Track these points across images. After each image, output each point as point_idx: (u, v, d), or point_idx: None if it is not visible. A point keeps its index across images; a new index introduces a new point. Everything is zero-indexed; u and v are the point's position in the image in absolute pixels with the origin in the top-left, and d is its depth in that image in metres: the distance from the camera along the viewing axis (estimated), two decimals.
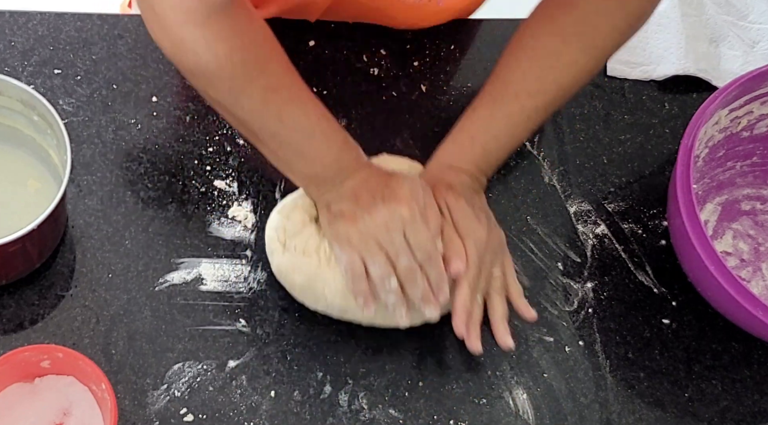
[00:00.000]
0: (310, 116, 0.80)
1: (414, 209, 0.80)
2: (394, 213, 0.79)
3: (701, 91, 1.03)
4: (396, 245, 0.80)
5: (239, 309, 0.87)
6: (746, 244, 0.98)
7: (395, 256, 0.80)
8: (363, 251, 0.80)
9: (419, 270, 0.80)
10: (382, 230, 0.79)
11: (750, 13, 1.07)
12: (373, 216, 0.80)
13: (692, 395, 0.89)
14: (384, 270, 0.80)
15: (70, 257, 0.87)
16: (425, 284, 0.81)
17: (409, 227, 0.79)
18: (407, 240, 0.80)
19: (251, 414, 0.83)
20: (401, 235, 0.79)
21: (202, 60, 0.74)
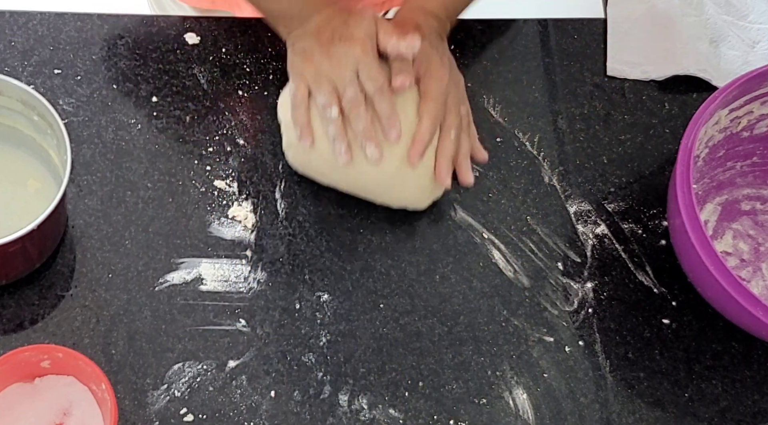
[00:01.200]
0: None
1: (367, 48, 0.83)
2: (348, 50, 0.82)
3: (701, 91, 1.03)
4: (345, 78, 0.83)
5: (239, 309, 0.87)
6: (746, 244, 0.98)
7: (342, 88, 0.83)
8: (312, 83, 0.84)
9: (364, 103, 0.83)
10: (334, 65, 0.83)
11: (750, 13, 1.07)
12: (329, 53, 0.83)
13: (692, 395, 0.89)
14: (327, 99, 0.83)
15: (70, 257, 0.87)
16: (368, 119, 0.83)
17: (361, 63, 0.82)
18: (359, 77, 0.83)
19: (251, 414, 0.83)
20: (352, 71, 0.83)
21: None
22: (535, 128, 0.99)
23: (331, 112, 0.83)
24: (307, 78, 0.84)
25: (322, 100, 0.83)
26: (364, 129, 0.83)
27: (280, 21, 0.88)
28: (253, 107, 0.95)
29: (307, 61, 0.84)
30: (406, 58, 0.84)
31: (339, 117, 0.83)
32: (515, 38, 1.04)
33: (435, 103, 0.85)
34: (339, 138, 0.84)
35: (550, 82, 1.02)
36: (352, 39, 0.83)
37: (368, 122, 0.83)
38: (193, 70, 0.96)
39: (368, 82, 0.83)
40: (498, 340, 0.89)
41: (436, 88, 0.86)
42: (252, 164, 0.93)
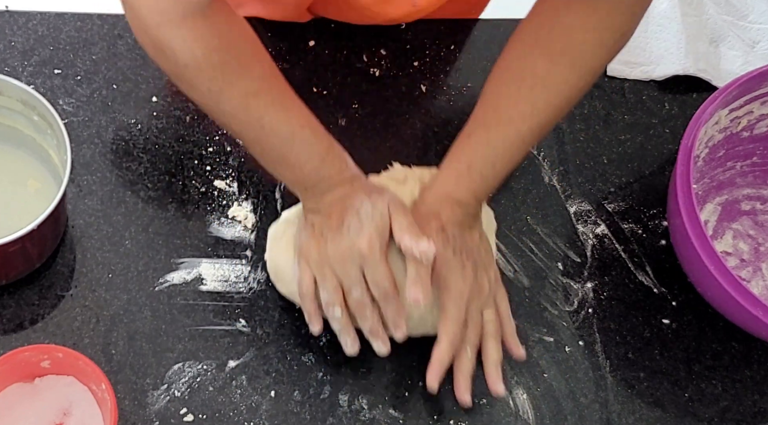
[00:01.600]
0: (292, 123, 0.79)
1: (374, 247, 0.79)
2: (353, 247, 0.79)
3: (701, 91, 1.03)
4: (351, 277, 0.80)
5: (239, 309, 0.87)
6: (746, 244, 0.98)
7: (348, 287, 0.80)
8: (317, 273, 0.81)
9: (370, 305, 0.80)
10: (339, 260, 0.79)
11: (750, 13, 1.07)
12: (336, 244, 0.80)
13: (692, 395, 0.89)
14: (331, 298, 0.80)
15: (70, 257, 0.87)
16: (375, 319, 0.81)
17: (367, 263, 0.79)
18: (364, 275, 0.80)
19: (251, 414, 0.83)
20: (357, 269, 0.79)
21: (181, 61, 0.73)
22: None
23: (334, 311, 0.81)
24: (311, 265, 0.81)
25: (325, 298, 0.81)
26: (371, 329, 0.81)
27: (294, 187, 0.83)
28: None
29: (314, 242, 0.81)
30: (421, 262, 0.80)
31: (343, 315, 0.81)
32: None
33: (453, 323, 0.81)
34: (344, 332, 0.82)
35: None
36: (360, 234, 0.79)
37: (375, 322, 0.81)
38: None
39: (374, 287, 0.80)
40: None
41: (455, 306, 0.81)
42: (252, 164, 0.93)
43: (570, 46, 0.81)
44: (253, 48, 0.78)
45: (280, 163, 0.81)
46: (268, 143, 0.80)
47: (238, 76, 0.76)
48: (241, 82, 0.76)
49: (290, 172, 0.81)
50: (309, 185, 0.81)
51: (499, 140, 0.83)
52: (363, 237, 0.79)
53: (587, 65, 0.82)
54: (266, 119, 0.78)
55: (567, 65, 0.81)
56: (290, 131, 0.79)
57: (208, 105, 0.78)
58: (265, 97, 0.78)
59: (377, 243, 0.79)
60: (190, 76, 0.75)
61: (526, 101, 0.82)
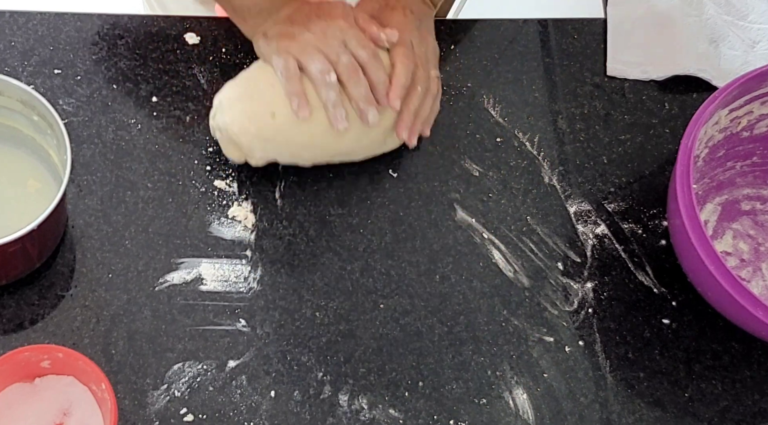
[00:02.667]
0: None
1: (350, 21, 0.84)
2: (331, 24, 0.83)
3: (701, 91, 1.03)
4: (335, 47, 0.83)
5: (239, 309, 0.87)
6: (746, 244, 0.98)
7: (335, 56, 0.83)
8: (301, 55, 0.83)
9: (360, 69, 0.83)
10: (321, 37, 0.83)
11: (750, 13, 1.07)
12: (311, 29, 0.83)
13: (692, 395, 0.89)
14: (324, 65, 0.83)
15: (70, 257, 0.87)
16: (365, 85, 0.84)
17: (347, 34, 0.83)
18: (346, 46, 0.83)
19: (251, 414, 0.83)
20: (340, 41, 0.83)
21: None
22: (535, 128, 0.99)
23: (329, 77, 0.83)
24: (293, 52, 0.84)
25: (318, 66, 0.83)
26: (366, 93, 0.84)
27: (248, 16, 0.87)
28: None
29: (288, 39, 0.84)
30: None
31: (337, 82, 0.83)
32: (515, 38, 1.04)
33: (405, 48, 0.86)
34: (339, 104, 0.84)
35: (550, 82, 1.02)
36: (332, 15, 0.84)
37: (366, 86, 0.84)
38: (193, 70, 0.96)
39: (360, 51, 0.83)
40: (498, 340, 0.89)
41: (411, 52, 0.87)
42: None
43: None
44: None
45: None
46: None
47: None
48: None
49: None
50: (264, 5, 0.85)
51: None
52: (337, 16, 0.84)
53: None
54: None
55: None
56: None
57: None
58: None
59: (351, 15, 0.85)
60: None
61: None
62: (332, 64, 0.83)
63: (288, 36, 0.84)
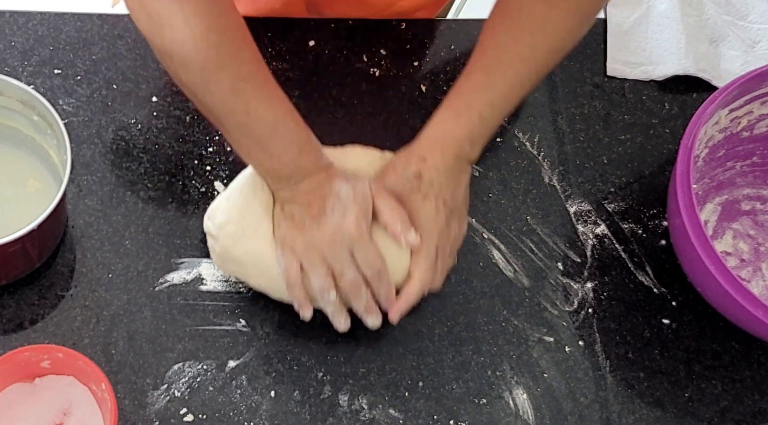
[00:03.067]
0: (276, 112, 0.80)
1: (362, 227, 0.80)
2: (341, 229, 0.79)
3: (701, 91, 1.03)
4: (341, 260, 0.80)
5: (239, 309, 0.87)
6: (746, 244, 0.98)
7: (339, 271, 0.80)
8: (304, 261, 0.81)
9: (363, 284, 0.81)
10: (327, 244, 0.80)
11: (750, 13, 1.07)
12: (321, 229, 0.80)
13: (692, 395, 0.89)
14: (324, 283, 0.81)
15: (70, 257, 0.87)
16: (368, 297, 0.82)
17: (356, 244, 0.80)
18: (353, 256, 0.80)
19: (251, 414, 0.83)
20: (347, 251, 0.80)
21: (178, 37, 0.73)
22: (535, 128, 0.99)
23: (329, 296, 0.81)
24: (297, 253, 0.81)
25: (318, 283, 0.81)
26: (366, 307, 0.82)
27: (269, 176, 0.83)
28: None
29: (297, 230, 0.81)
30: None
31: (337, 298, 0.81)
32: None
33: (425, 262, 0.82)
34: (338, 313, 0.82)
35: (550, 82, 1.02)
36: (346, 215, 0.80)
37: (369, 299, 0.82)
38: None
39: (366, 268, 0.80)
40: (498, 340, 0.89)
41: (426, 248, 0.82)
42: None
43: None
44: (244, 32, 0.78)
45: (260, 151, 0.81)
46: (251, 131, 0.79)
47: (231, 59, 0.76)
48: (233, 66, 0.76)
49: (268, 161, 0.81)
50: (285, 174, 0.81)
51: (498, 82, 0.84)
52: (349, 219, 0.80)
53: (584, 9, 0.84)
54: (252, 105, 0.78)
55: (565, 9, 0.83)
56: (274, 120, 0.79)
57: (197, 86, 0.77)
58: (253, 83, 0.78)
59: (363, 224, 0.80)
60: (185, 55, 0.74)
61: (525, 44, 0.83)
62: (335, 275, 0.81)
63: (297, 226, 0.81)
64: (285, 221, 0.82)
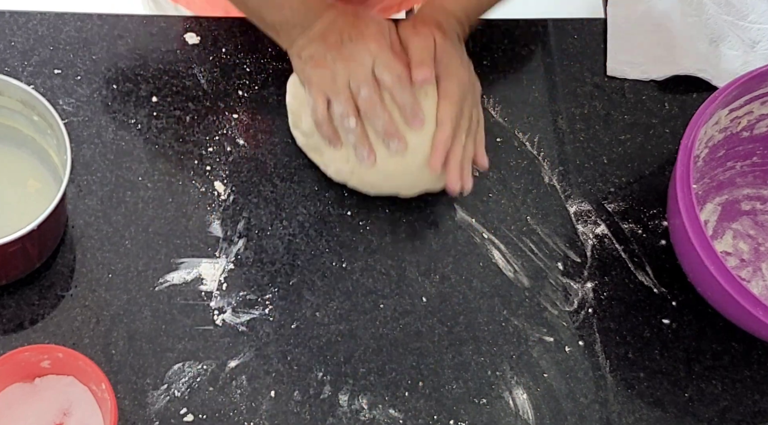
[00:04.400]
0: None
1: (382, 44, 0.81)
2: (362, 48, 0.81)
3: (701, 91, 1.03)
4: (359, 76, 0.81)
5: (239, 309, 0.87)
6: (746, 244, 0.98)
7: (356, 89, 0.81)
8: (328, 91, 0.82)
9: (380, 102, 0.81)
10: (349, 63, 0.81)
11: (750, 13, 1.07)
12: (341, 53, 0.81)
13: (692, 395, 0.89)
14: (344, 108, 0.81)
15: (70, 257, 0.87)
16: (387, 117, 0.82)
17: (377, 58, 0.81)
18: (375, 73, 0.81)
19: (251, 414, 0.83)
20: (368, 68, 0.81)
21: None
22: (535, 128, 0.99)
23: (349, 122, 0.81)
24: (323, 87, 0.82)
25: (339, 109, 0.81)
26: (385, 127, 0.82)
27: (281, 31, 0.84)
28: (253, 107, 0.95)
29: (320, 67, 0.82)
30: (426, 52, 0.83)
31: (357, 125, 0.82)
32: (515, 38, 1.04)
33: (454, 106, 0.83)
34: (360, 144, 0.83)
35: (550, 82, 1.02)
36: (364, 36, 0.81)
37: (387, 119, 0.81)
38: (193, 70, 0.96)
39: (385, 74, 0.80)
40: (498, 340, 0.89)
41: (457, 91, 0.84)
42: (252, 164, 0.93)
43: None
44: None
45: (267, 4, 0.82)
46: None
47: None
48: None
49: (278, 11, 0.82)
50: (297, 20, 0.82)
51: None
52: (368, 37, 0.81)
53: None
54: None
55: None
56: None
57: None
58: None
59: (383, 40, 0.81)
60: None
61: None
62: (354, 97, 0.81)
63: (319, 63, 0.82)
64: (305, 64, 0.83)
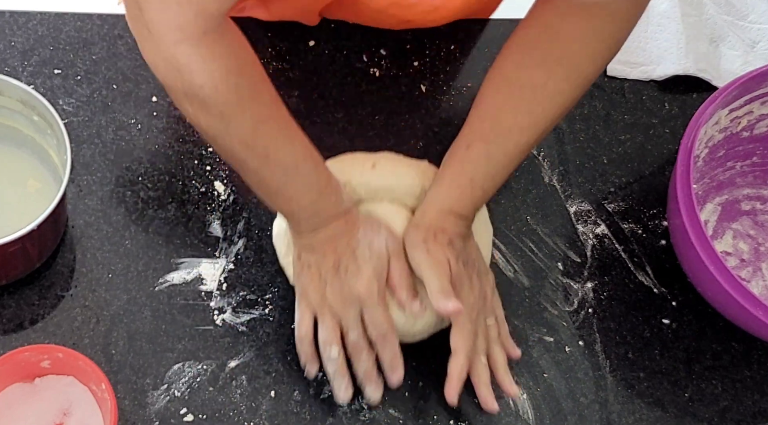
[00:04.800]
0: (296, 154, 0.79)
1: (372, 290, 0.80)
2: (351, 290, 0.80)
3: (701, 91, 1.03)
4: (349, 319, 0.80)
5: (239, 309, 0.87)
6: (746, 244, 0.98)
7: (346, 329, 0.81)
8: (317, 310, 0.81)
9: (366, 348, 0.81)
10: (338, 302, 0.80)
11: (750, 13, 1.07)
12: (333, 287, 0.80)
13: (692, 395, 0.89)
14: (329, 337, 0.81)
15: (70, 257, 0.87)
16: (370, 363, 0.81)
17: (366, 306, 0.80)
18: (363, 316, 0.81)
19: (251, 414, 0.83)
20: (356, 311, 0.80)
21: (197, 80, 0.71)
22: None
23: (331, 351, 0.81)
24: (314, 302, 0.82)
25: (323, 336, 0.81)
26: (365, 372, 0.82)
27: (288, 220, 0.83)
28: None
29: (313, 283, 0.81)
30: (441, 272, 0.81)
31: (339, 356, 0.81)
32: None
33: (467, 336, 0.82)
34: (339, 375, 0.82)
35: None
36: (358, 276, 0.80)
37: (370, 365, 0.81)
38: None
39: (372, 329, 0.80)
40: None
41: (468, 320, 0.81)
42: None
43: (567, 56, 0.81)
44: (261, 72, 0.77)
45: (278, 194, 0.80)
46: (270, 174, 0.78)
47: (251, 100, 0.74)
48: (253, 107, 0.75)
49: (287, 204, 0.81)
50: (303, 217, 0.81)
51: (499, 154, 0.84)
52: (361, 280, 0.80)
53: (583, 74, 0.83)
54: (272, 149, 0.77)
55: (564, 75, 0.82)
56: (294, 163, 0.78)
57: (217, 129, 0.75)
58: (272, 124, 0.77)
59: (375, 286, 0.80)
60: (204, 97, 0.72)
61: (524, 113, 0.83)
62: (343, 333, 0.81)
63: (313, 278, 0.81)
64: (303, 271, 0.82)
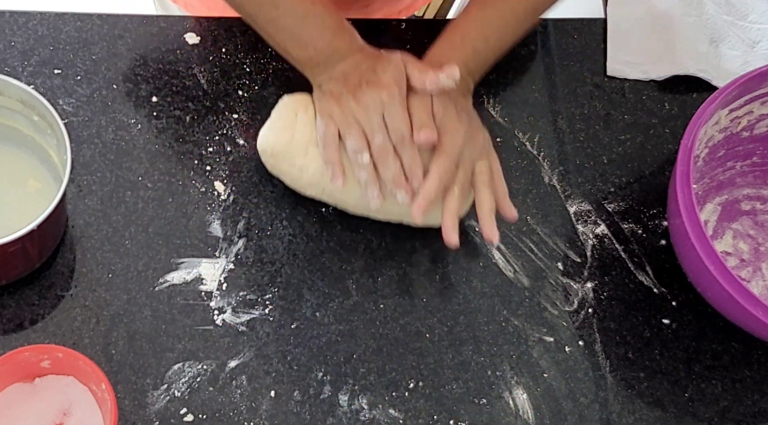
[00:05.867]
0: (304, 0, 0.83)
1: (394, 95, 0.83)
2: (375, 96, 0.82)
3: (701, 91, 1.03)
4: (373, 123, 0.83)
5: (239, 309, 0.87)
6: (746, 244, 0.98)
7: (371, 134, 0.83)
8: (341, 125, 0.84)
9: (392, 151, 0.83)
10: (362, 110, 0.83)
11: (750, 13, 1.07)
12: (356, 97, 0.83)
13: (692, 395, 0.89)
14: (358, 143, 0.83)
15: (70, 257, 0.87)
16: (397, 167, 0.83)
17: (387, 110, 0.82)
18: (385, 122, 0.83)
19: (251, 414, 0.83)
20: (380, 116, 0.83)
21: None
22: (535, 128, 0.99)
23: (362, 158, 0.83)
24: (335, 119, 0.84)
25: (352, 144, 0.83)
26: (394, 177, 0.83)
27: (306, 66, 0.86)
28: (253, 107, 0.95)
29: (335, 103, 0.84)
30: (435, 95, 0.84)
31: (370, 162, 0.83)
32: None
33: (447, 159, 0.84)
34: (371, 184, 0.84)
35: (550, 82, 1.02)
36: (380, 84, 0.83)
37: (397, 169, 0.83)
38: (193, 70, 0.96)
39: (393, 132, 0.83)
40: (498, 340, 0.89)
41: (450, 144, 0.84)
42: (252, 164, 0.93)
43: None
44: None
45: (293, 42, 0.84)
46: (282, 22, 0.83)
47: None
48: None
49: (303, 50, 0.85)
50: (321, 59, 0.84)
51: (494, 17, 0.87)
52: (383, 86, 0.83)
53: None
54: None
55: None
56: (304, 8, 0.83)
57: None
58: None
59: (396, 91, 0.83)
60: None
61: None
62: (368, 140, 0.83)
63: (336, 99, 0.84)
64: (324, 97, 0.85)
